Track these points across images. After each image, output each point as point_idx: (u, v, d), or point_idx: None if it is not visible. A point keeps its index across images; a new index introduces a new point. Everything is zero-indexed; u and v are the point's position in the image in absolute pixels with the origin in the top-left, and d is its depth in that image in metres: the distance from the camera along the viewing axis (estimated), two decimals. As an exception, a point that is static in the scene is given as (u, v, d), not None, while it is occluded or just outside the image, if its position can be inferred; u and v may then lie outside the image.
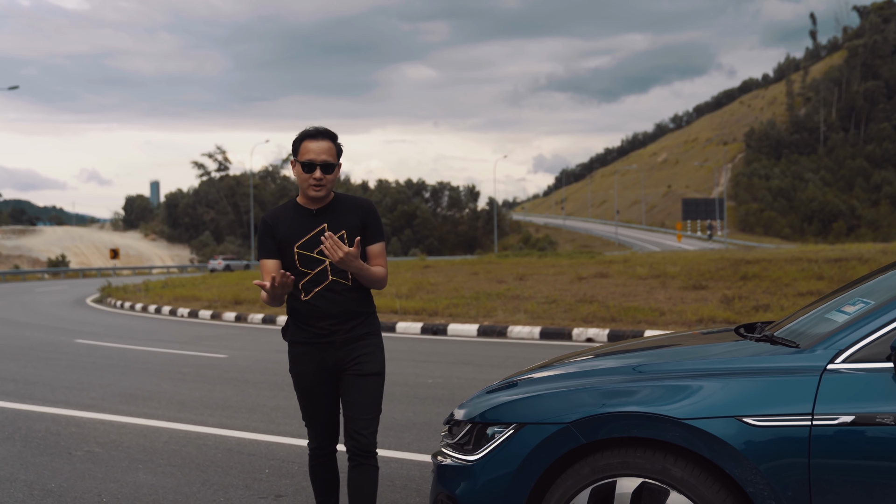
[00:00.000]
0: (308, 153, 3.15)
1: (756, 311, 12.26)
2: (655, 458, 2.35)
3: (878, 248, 25.79)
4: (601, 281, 18.73)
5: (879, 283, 2.72)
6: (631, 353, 3.10)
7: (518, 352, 10.13)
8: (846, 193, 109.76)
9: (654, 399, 2.40)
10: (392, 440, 5.40)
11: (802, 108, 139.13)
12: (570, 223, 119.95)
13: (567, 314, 13.09)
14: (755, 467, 2.21)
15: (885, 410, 2.16)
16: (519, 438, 2.55)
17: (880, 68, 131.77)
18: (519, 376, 3.07)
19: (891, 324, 2.28)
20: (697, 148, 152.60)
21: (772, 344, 2.60)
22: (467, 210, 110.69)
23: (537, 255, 36.78)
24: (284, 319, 13.55)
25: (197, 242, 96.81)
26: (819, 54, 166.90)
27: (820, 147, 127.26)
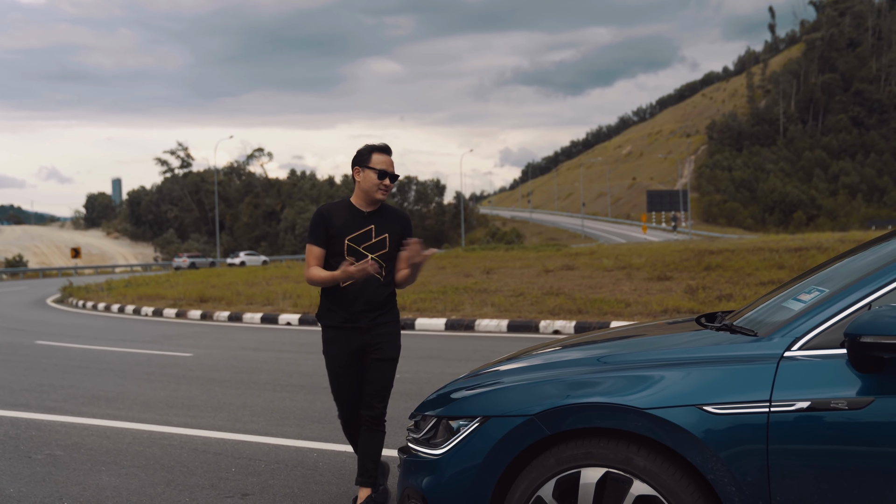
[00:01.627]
0: (381, 164, 3.73)
1: (719, 301, 12.43)
2: (619, 447, 2.37)
3: (836, 237, 26.31)
4: (568, 273, 18.85)
5: (833, 272, 2.77)
6: (595, 344, 3.12)
7: (486, 345, 10.16)
8: (806, 184, 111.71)
9: (616, 390, 2.42)
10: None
11: (762, 100, 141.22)
12: (536, 216, 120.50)
13: (534, 307, 13.16)
14: (716, 454, 2.25)
15: (839, 395, 2.20)
16: (484, 431, 2.56)
17: (836, 61, 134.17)
18: (484, 369, 3.08)
19: (844, 311, 2.32)
20: (661, 140, 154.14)
21: (731, 333, 2.64)
22: (434, 204, 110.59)
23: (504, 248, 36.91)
24: (253, 316, 13.33)
25: (161, 240, 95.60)
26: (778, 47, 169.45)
27: (780, 138, 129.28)
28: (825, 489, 2.20)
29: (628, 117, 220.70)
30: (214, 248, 78.51)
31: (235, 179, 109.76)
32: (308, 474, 4.50)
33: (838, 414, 2.19)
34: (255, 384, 7.71)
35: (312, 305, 15.50)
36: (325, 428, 5.66)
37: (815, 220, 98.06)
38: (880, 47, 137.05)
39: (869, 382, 2.20)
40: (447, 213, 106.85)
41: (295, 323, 14.22)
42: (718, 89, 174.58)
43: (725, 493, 2.25)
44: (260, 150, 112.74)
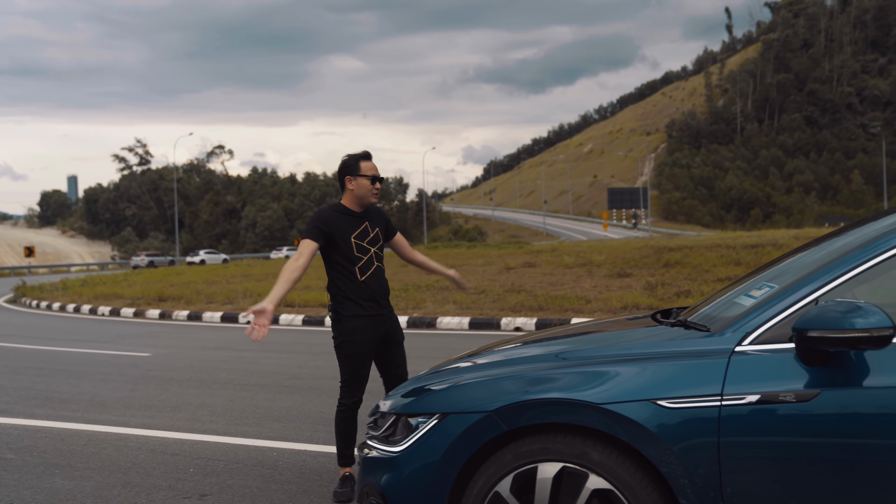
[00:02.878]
0: (370, 170, 4.11)
1: (678, 297, 12.61)
2: (575, 442, 2.40)
3: (791, 234, 26.83)
4: (529, 270, 18.96)
5: (784, 268, 2.84)
6: (553, 340, 3.15)
7: (447, 342, 10.17)
8: (762, 182, 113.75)
9: (573, 385, 2.45)
10: (321, 434, 5.37)
11: (720, 99, 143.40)
12: (499, 214, 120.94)
13: (496, 304, 13.21)
14: (669, 448, 2.28)
15: (787, 389, 2.25)
16: (442, 428, 2.57)
17: (791, 61, 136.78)
18: (444, 366, 3.10)
19: (792, 306, 2.37)
20: (622, 138, 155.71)
21: (685, 329, 2.68)
22: (397, 202, 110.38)
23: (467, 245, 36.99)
24: (213, 315, 13.10)
25: (119, 238, 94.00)
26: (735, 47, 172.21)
27: (737, 137, 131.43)
28: (774, 480, 2.25)
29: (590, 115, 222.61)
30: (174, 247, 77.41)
31: (195, 177, 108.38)
32: (268, 474, 4.47)
33: (786, 407, 2.24)
34: (215, 383, 7.64)
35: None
36: (285, 427, 5.63)
37: (772, 217, 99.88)
38: (832, 48, 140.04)
39: (816, 375, 2.25)
40: (410, 211, 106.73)
41: (255, 322, 14.09)
42: (678, 88, 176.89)
43: (678, 486, 2.29)
44: (220, 147, 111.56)
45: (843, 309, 2.17)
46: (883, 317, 2.13)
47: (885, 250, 2.40)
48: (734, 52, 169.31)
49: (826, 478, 2.22)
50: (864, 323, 2.13)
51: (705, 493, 2.27)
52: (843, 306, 2.18)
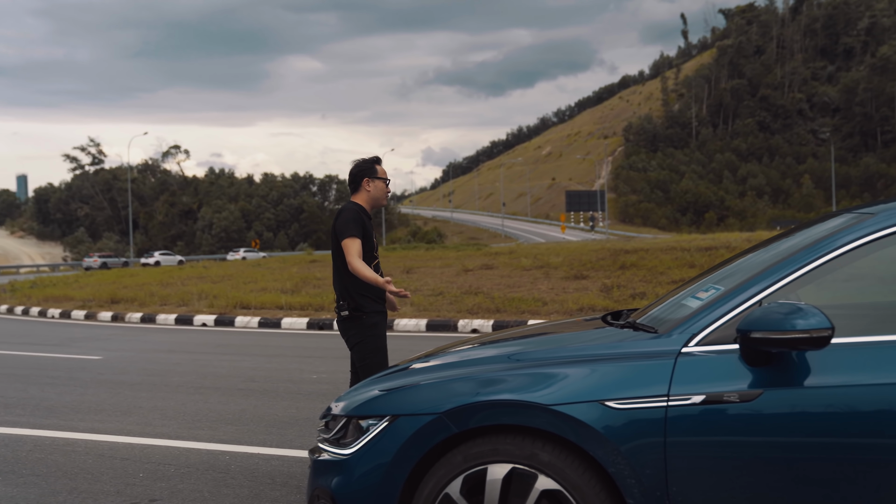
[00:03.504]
0: (385, 174, 4.40)
1: (633, 299, 12.77)
2: (524, 443, 2.42)
3: (743, 237, 27.36)
4: (487, 272, 19.03)
5: (730, 270, 2.89)
6: (506, 342, 3.17)
7: (404, 344, 10.16)
8: (716, 185, 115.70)
9: (522, 387, 2.46)
10: (274, 437, 5.32)
11: (676, 103, 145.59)
12: (457, 216, 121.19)
13: (453, 306, 13.24)
14: (617, 448, 2.31)
15: (731, 389, 2.29)
16: (393, 430, 2.57)
17: (745, 67, 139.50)
18: (398, 367, 3.10)
19: (737, 308, 2.42)
20: (580, 141, 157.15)
21: (634, 330, 2.71)
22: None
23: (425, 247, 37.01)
24: (167, 318, 12.94)
25: (71, 239, 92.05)
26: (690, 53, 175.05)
27: (692, 141, 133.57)
28: (718, 479, 2.29)
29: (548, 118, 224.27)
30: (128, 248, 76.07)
31: (150, 177, 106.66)
32: (219, 477, 4.41)
33: (730, 406, 2.28)
34: (168, 387, 7.52)
35: (229, 306, 15.21)
36: (238, 430, 5.56)
37: (725, 220, 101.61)
38: (784, 55, 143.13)
39: (759, 376, 2.30)
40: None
41: (211, 324, 13.92)
42: (635, 92, 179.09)
43: (625, 486, 2.31)
44: (176, 147, 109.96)
45: (785, 310, 2.22)
46: (822, 318, 2.18)
47: (827, 252, 2.45)
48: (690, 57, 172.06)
49: (769, 476, 2.27)
50: (804, 324, 2.18)
51: (652, 492, 2.30)
52: (786, 308, 2.23)
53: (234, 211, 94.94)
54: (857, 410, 2.23)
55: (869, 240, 2.44)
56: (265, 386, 7.39)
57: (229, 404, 6.54)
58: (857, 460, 2.21)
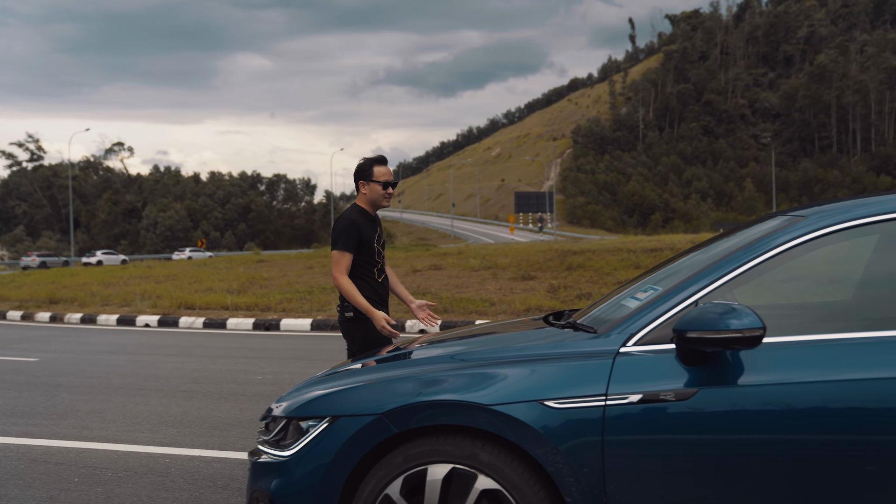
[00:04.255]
0: (383, 175, 4.28)
1: (579, 300, 12.91)
2: (464, 444, 2.42)
3: (687, 239, 27.89)
4: (435, 273, 19.05)
5: (669, 271, 2.94)
6: (449, 342, 3.17)
7: (351, 345, 10.10)
8: (662, 188, 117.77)
9: (463, 387, 2.47)
10: (216, 439, 5.24)
11: (623, 107, 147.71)
12: (407, 216, 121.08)
13: (401, 306, 13.19)
14: (555, 448, 2.33)
15: (667, 388, 2.33)
16: (333, 431, 2.55)
17: (690, 72, 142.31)
18: (341, 367, 3.08)
19: (674, 308, 2.46)
20: (529, 143, 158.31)
21: (574, 330, 2.74)
22: (304, 203, 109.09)
23: (374, 248, 36.74)
24: (108, 318, 12.63)
25: (9, 237, 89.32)
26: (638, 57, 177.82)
27: (639, 144, 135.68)
28: (655, 477, 2.32)
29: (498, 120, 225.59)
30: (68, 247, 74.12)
31: (92, 175, 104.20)
32: (158, 481, 4.33)
33: (667, 405, 2.32)
34: (107, 389, 7.35)
35: (173, 306, 14.93)
36: (179, 432, 5.46)
37: (671, 222, 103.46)
38: (727, 61, 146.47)
39: (694, 375, 2.34)
40: (317, 213, 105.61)
41: (154, 324, 13.65)
42: (583, 95, 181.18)
43: (564, 485, 2.33)
44: (120, 144, 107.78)
45: (720, 311, 2.27)
46: (755, 318, 2.23)
47: (761, 254, 2.51)
48: (637, 61, 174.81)
49: (704, 474, 2.31)
50: (737, 324, 2.22)
51: (590, 490, 2.32)
52: (720, 308, 2.28)
53: (180, 210, 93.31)
54: (787, 408, 2.28)
55: (800, 241, 2.50)
56: (209, 387, 7.28)
57: (171, 406, 6.42)
58: (788, 456, 2.27)
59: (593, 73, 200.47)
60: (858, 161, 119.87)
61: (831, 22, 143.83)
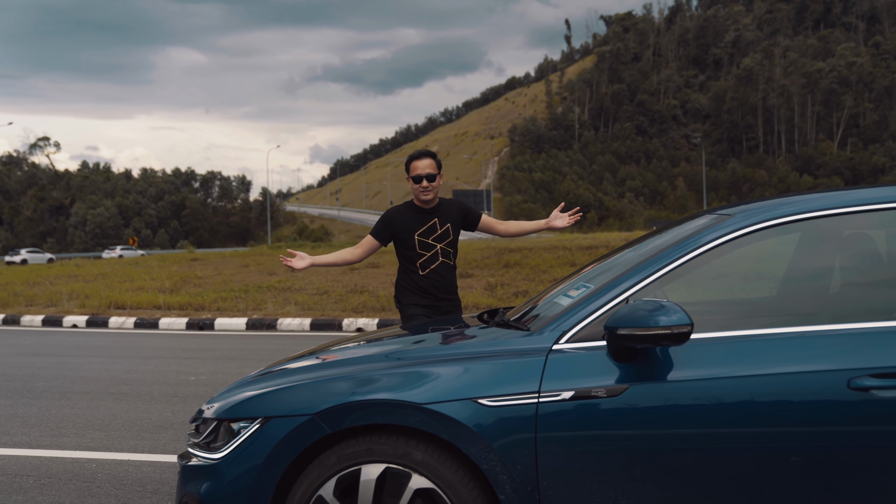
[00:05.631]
0: (416, 170, 4.30)
1: (516, 297, 13.01)
2: (398, 443, 2.41)
3: (622, 237, 28.41)
4: (373, 271, 18.97)
5: (599, 269, 2.97)
6: (385, 340, 3.15)
7: (288, 344, 9.99)
8: (597, 186, 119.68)
9: (396, 386, 2.46)
10: (146, 443, 5.11)
11: (559, 106, 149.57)
12: (345, 214, 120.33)
13: (338, 305, 13.12)
14: (489, 445, 2.33)
15: (599, 384, 2.36)
16: (265, 432, 2.51)
17: (623, 73, 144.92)
18: (275, 367, 3.03)
19: (605, 305, 2.49)
20: (467, 141, 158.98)
21: (508, 328, 2.75)
22: (240, 201, 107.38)
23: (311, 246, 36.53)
24: (33, 319, 12.21)
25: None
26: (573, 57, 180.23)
27: (575, 143, 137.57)
28: (587, 473, 2.35)
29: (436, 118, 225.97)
30: (-9, 245, 71.37)
31: (16, 170, 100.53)
32: (84, 487, 4.19)
33: (598, 402, 2.34)
34: (30, 392, 7.09)
35: (102, 306, 14.51)
36: (107, 436, 5.31)
37: (606, 220, 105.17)
38: (659, 63, 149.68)
39: (625, 371, 2.38)
40: (253, 210, 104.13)
41: (82, 325, 13.23)
42: (520, 94, 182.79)
43: (497, 482, 2.34)
44: (45, 139, 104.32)
45: (650, 307, 2.30)
46: (683, 315, 2.27)
47: (689, 251, 2.56)
48: (573, 61, 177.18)
49: (636, 469, 2.34)
50: (666, 321, 2.26)
51: (523, 487, 2.34)
52: (650, 305, 2.31)
53: (111, 207, 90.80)
54: (715, 402, 2.34)
55: (727, 239, 2.56)
56: (139, 389, 7.09)
57: (99, 409, 6.23)
58: (717, 450, 2.32)
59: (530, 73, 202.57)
60: (783, 161, 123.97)
61: (757, 27, 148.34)
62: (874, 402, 2.26)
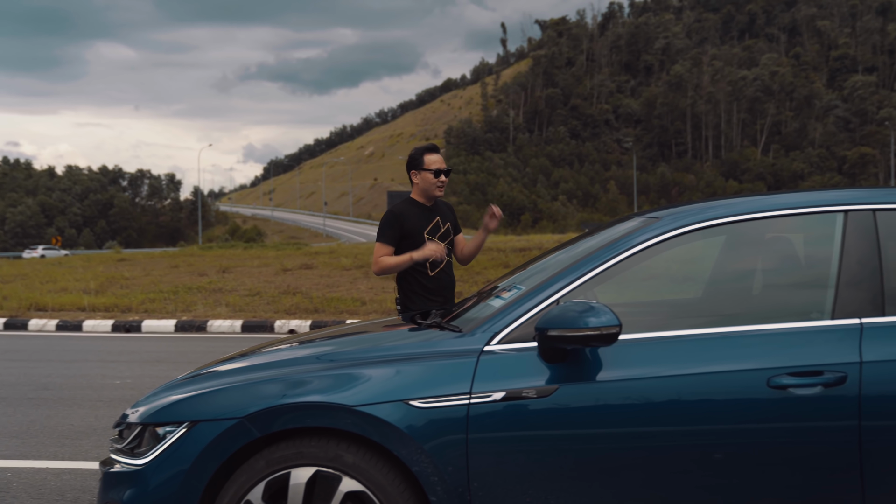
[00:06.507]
0: (434, 163, 4.25)
1: (450, 298, 13.02)
2: (329, 446, 2.38)
3: (555, 239, 28.80)
4: (306, 272, 18.77)
5: (532, 270, 3.01)
6: (318, 342, 3.12)
7: (218, 346, 9.79)
8: (531, 189, 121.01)
9: (327, 388, 2.43)
10: (67, 449, 4.94)
11: (495, 109, 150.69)
12: (278, 214, 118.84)
13: (270, 306, 12.93)
14: (420, 447, 2.33)
15: (529, 385, 2.38)
16: (192, 437, 2.45)
17: (557, 77, 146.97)
18: (204, 370, 2.96)
19: (536, 307, 2.52)
20: (402, 143, 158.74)
21: (441, 330, 2.75)
22: (170, 200, 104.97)
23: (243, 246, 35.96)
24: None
25: None
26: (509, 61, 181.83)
27: (510, 146, 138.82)
28: (518, 474, 2.36)
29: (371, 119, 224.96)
30: None
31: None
32: None
33: (529, 402, 2.37)
34: (-53, 398, 6.77)
35: (21, 308, 13.97)
36: (24, 443, 5.11)
37: (539, 222, 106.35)
38: (593, 68, 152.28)
39: (555, 372, 2.40)
40: (184, 210, 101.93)
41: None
42: (456, 96, 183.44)
43: (428, 484, 2.34)
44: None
45: (580, 309, 2.34)
46: (612, 316, 2.31)
47: (618, 253, 2.60)
48: (508, 65, 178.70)
49: (566, 469, 2.37)
50: (596, 322, 2.30)
51: (454, 489, 2.34)
52: (580, 306, 2.35)
53: (32, 205, 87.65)
54: (643, 402, 2.38)
55: (655, 241, 2.61)
56: (60, 394, 6.85)
57: (16, 415, 5.99)
58: (645, 448, 2.36)
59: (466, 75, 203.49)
60: (710, 166, 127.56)
61: (686, 35, 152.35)
62: (791, 399, 2.34)
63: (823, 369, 2.35)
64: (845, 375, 2.34)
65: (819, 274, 2.66)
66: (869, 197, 2.63)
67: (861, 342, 2.39)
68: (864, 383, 2.33)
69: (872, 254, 2.51)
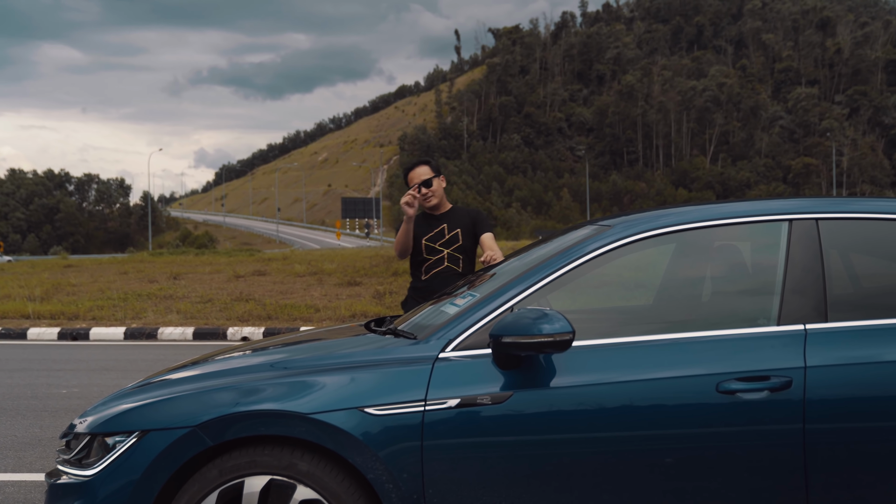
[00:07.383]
0: (413, 179, 4.47)
1: (404, 305, 13.01)
2: (283, 454, 2.37)
3: (508, 246, 28.94)
4: (259, 279, 18.58)
5: (485, 278, 3.03)
6: (271, 350, 3.09)
7: (169, 354, 9.63)
8: (485, 196, 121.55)
9: (282, 395, 2.42)
10: (10, 461, 4.80)
11: (449, 116, 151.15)
12: (230, 220, 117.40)
13: (222, 313, 12.77)
14: (375, 454, 2.33)
15: (484, 392, 2.40)
16: (142, 446, 2.41)
17: (511, 85, 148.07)
18: (154, 378, 2.91)
19: (491, 314, 2.54)
20: (356, 149, 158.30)
21: (395, 337, 2.76)
22: (119, 205, 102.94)
23: (195, 252, 35.39)
24: None
25: None
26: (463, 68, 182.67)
27: (464, 153, 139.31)
28: (472, 480, 2.37)
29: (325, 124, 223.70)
30: None
31: None
32: None
33: (483, 409, 2.38)
34: None
35: (-38, 316, 13.56)
36: (-33, 456, 4.95)
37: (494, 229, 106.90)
38: (546, 76, 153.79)
39: (509, 379, 2.42)
40: (133, 215, 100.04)
41: (-61, 336, 12.32)
42: (410, 103, 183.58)
43: (384, 491, 2.34)
44: None
45: (534, 316, 2.36)
46: (565, 323, 2.34)
47: (571, 261, 2.64)
48: (462, 72, 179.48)
49: (520, 475, 2.39)
50: (549, 328, 2.32)
51: (409, 496, 2.34)
52: (533, 313, 2.37)
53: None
54: (596, 408, 2.41)
55: (607, 249, 2.66)
56: (2, 404, 6.66)
57: (-41, 426, 5.81)
58: (599, 453, 2.39)
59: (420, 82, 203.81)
60: (661, 175, 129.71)
61: (637, 45, 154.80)
62: (739, 404, 2.39)
63: (770, 374, 2.41)
64: (790, 380, 2.40)
65: (765, 281, 2.72)
66: (812, 206, 2.71)
67: (805, 347, 2.46)
68: (809, 387, 2.40)
69: (816, 262, 2.59)
